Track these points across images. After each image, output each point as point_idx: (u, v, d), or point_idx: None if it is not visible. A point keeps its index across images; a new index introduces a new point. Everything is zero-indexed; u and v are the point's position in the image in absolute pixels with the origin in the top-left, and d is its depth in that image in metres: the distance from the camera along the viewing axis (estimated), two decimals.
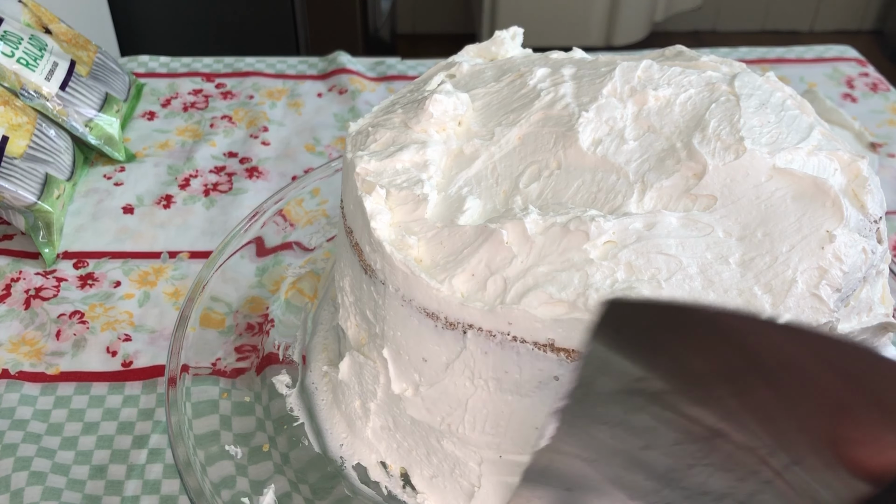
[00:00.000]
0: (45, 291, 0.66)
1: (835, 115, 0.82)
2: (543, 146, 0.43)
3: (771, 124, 0.43)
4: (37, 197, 0.68)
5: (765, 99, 0.45)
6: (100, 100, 0.79)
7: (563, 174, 0.42)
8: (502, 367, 0.39)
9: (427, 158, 0.44)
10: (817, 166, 0.42)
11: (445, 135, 0.45)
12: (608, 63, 0.49)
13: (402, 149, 0.44)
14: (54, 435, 0.55)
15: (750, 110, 0.44)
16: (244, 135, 0.84)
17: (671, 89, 0.45)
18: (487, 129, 0.45)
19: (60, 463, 0.53)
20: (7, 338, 0.62)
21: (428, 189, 0.42)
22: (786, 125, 0.44)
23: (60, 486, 0.52)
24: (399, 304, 0.41)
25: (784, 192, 0.40)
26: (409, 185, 0.42)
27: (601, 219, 0.38)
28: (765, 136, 0.42)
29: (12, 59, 0.72)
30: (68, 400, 0.57)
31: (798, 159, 0.41)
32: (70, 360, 0.60)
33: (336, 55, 0.95)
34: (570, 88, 0.46)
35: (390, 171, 0.44)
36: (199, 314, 0.55)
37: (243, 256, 0.59)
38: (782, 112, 0.45)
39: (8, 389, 0.58)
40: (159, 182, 0.78)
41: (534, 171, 0.43)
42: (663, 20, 2.23)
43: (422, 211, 0.41)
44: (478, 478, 0.43)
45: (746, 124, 0.42)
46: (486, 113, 0.47)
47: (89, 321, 0.63)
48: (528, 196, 0.41)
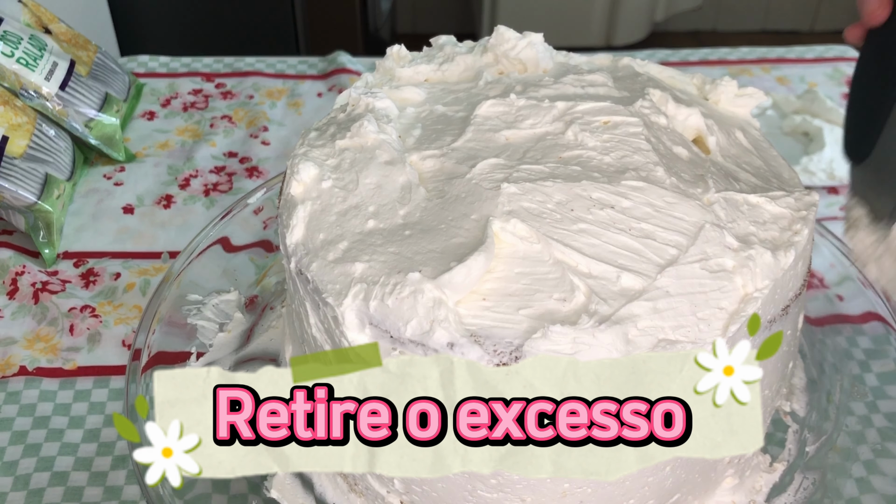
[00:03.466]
0: (52, 286, 0.66)
1: (835, 115, 0.82)
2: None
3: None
4: (37, 197, 0.68)
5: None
6: (100, 100, 0.78)
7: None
8: None
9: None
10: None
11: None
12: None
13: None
14: (76, 428, 0.55)
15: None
16: (244, 135, 0.84)
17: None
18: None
19: (83, 457, 0.54)
20: (21, 335, 0.62)
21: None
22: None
23: (82, 484, 0.52)
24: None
25: None
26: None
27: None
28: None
29: (12, 59, 0.72)
30: (88, 393, 0.58)
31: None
32: (86, 354, 0.61)
33: (336, 55, 0.95)
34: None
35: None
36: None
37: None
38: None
39: (27, 386, 0.58)
40: (159, 182, 0.78)
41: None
42: (663, 20, 2.23)
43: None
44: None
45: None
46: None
47: (101, 315, 0.64)
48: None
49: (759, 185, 0.45)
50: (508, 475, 0.38)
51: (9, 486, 0.52)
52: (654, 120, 0.46)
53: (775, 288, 0.40)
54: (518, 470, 0.33)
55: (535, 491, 0.39)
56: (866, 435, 0.51)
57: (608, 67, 0.54)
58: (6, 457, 0.53)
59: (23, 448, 0.54)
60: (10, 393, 0.57)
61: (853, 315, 0.57)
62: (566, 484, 0.39)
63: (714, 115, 0.50)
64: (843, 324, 0.57)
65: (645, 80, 0.51)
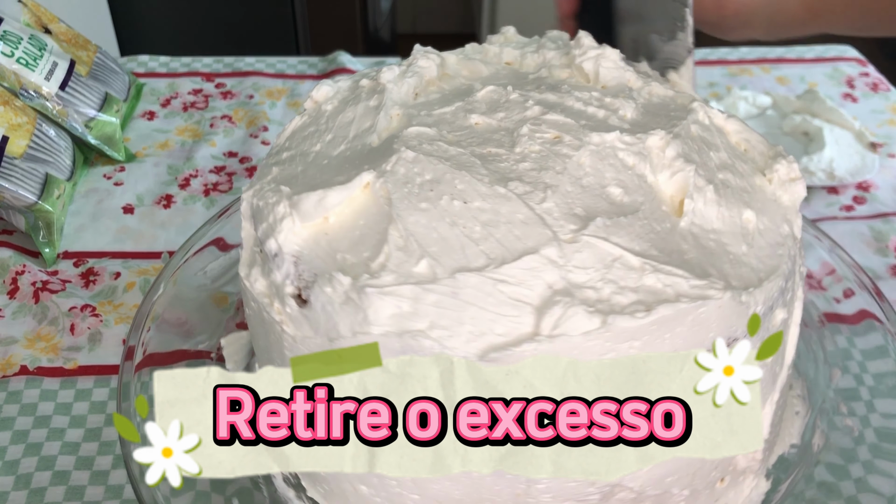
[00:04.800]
0: (53, 285, 0.66)
1: (835, 115, 0.82)
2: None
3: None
4: (37, 197, 0.68)
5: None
6: (99, 100, 0.79)
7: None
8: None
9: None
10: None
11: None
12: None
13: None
14: (77, 427, 0.56)
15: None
16: (244, 134, 0.84)
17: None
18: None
19: (84, 456, 0.54)
20: (22, 334, 0.62)
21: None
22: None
23: (83, 483, 0.52)
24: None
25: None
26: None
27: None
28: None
29: (12, 59, 0.72)
30: (89, 393, 0.58)
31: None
32: (87, 354, 0.61)
33: (336, 55, 0.95)
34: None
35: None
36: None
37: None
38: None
39: (28, 385, 0.58)
40: (159, 182, 0.78)
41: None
42: None
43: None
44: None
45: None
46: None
47: (102, 314, 0.64)
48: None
49: (684, 273, 0.39)
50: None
51: (10, 486, 0.52)
52: (622, 157, 0.43)
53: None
54: (518, 469, 0.34)
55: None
56: (865, 435, 0.51)
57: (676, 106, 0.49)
58: (7, 456, 0.53)
59: (24, 447, 0.54)
60: (11, 392, 0.57)
61: (847, 315, 0.57)
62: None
63: (755, 199, 0.44)
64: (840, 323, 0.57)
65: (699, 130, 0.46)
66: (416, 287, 0.37)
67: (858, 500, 0.47)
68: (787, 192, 0.46)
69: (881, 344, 0.54)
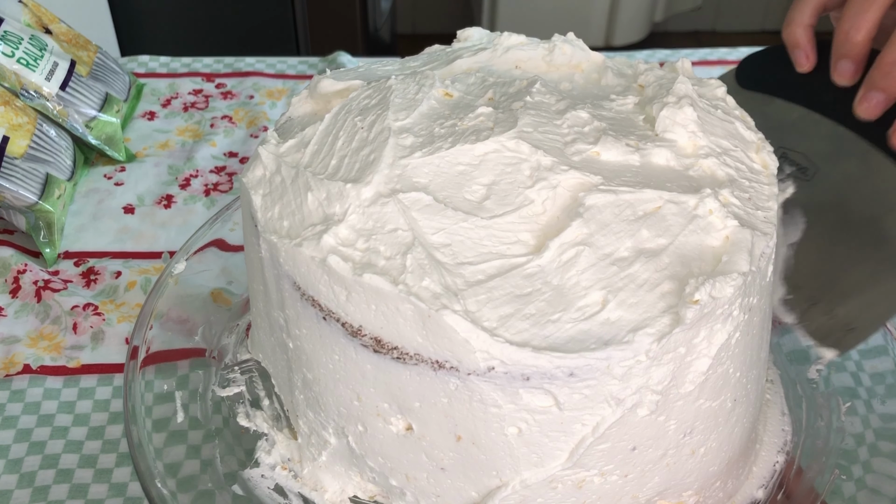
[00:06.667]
0: (54, 284, 0.66)
1: None
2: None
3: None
4: (38, 197, 0.68)
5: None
6: (100, 100, 0.79)
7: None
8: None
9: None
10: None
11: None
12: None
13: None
14: (81, 425, 0.56)
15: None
16: (244, 135, 0.84)
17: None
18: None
19: (87, 454, 0.54)
20: (25, 333, 0.63)
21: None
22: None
23: (87, 481, 0.53)
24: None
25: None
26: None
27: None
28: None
29: (12, 60, 0.72)
30: (92, 391, 0.58)
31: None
32: (90, 352, 0.61)
33: (336, 55, 0.95)
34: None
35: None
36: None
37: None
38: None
39: (31, 384, 0.58)
40: (160, 182, 0.78)
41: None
42: (663, 20, 2.23)
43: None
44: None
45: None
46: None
47: (104, 313, 0.64)
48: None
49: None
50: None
51: (14, 484, 0.52)
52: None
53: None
54: None
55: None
56: (865, 435, 0.51)
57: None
58: (11, 454, 0.54)
59: (27, 446, 0.54)
60: (15, 391, 0.58)
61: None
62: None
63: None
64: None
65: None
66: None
67: (858, 499, 0.47)
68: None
69: (881, 344, 0.54)
